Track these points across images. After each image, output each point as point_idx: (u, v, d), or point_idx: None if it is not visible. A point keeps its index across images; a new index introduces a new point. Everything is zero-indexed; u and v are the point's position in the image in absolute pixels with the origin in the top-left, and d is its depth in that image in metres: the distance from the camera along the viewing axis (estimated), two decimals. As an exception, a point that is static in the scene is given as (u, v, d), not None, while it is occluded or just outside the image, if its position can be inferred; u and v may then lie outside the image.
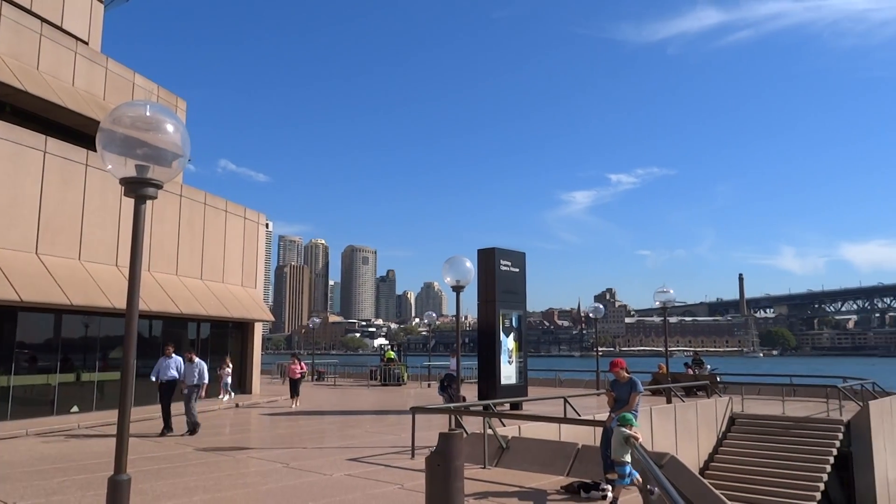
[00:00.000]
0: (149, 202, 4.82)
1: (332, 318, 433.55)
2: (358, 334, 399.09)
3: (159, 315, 21.06)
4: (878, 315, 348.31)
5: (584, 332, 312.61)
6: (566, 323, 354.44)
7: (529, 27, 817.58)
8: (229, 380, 23.04)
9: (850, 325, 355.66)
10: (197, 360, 15.53)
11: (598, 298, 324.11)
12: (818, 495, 17.26)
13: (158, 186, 4.74)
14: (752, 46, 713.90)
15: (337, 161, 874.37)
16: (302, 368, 22.22)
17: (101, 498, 8.25)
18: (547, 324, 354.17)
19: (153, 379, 15.45)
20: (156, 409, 17.25)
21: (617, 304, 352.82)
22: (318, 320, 47.23)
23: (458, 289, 13.89)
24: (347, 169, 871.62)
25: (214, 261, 24.33)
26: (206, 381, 15.69)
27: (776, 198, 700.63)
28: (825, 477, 17.74)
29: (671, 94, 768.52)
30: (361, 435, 15.02)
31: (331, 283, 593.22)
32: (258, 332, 27.47)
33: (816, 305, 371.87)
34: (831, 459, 18.29)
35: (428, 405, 14.48)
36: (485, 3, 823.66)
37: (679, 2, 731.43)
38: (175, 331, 22.82)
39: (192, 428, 14.85)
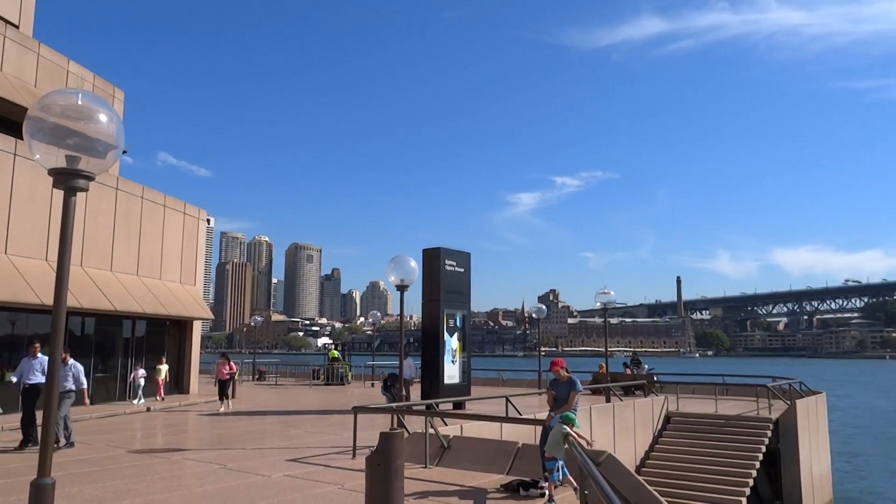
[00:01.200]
0: (82, 194, 4.64)
1: (275, 317, 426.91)
2: (301, 333, 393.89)
3: (92, 312, 20.31)
4: (806, 317, 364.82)
5: (528, 332, 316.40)
6: (510, 323, 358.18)
7: (479, 28, 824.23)
8: (142, 382, 21.66)
9: (781, 326, 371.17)
10: (71, 361, 13.40)
11: (542, 299, 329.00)
12: (748, 490, 17.95)
13: (90, 178, 4.55)
14: (693, 55, 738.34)
15: (282, 158, 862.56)
16: (231, 369, 21.03)
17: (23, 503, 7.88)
18: (491, 324, 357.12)
19: (13, 380, 13.22)
20: (81, 412, 16.68)
21: (560, 304, 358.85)
22: (260, 319, 46.40)
23: (402, 288, 13.85)
24: (292, 166, 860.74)
25: (152, 256, 23.59)
26: (84, 385, 13.36)
27: (712, 203, 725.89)
28: (755, 472, 18.47)
29: (615, 99, 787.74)
30: (302, 435, 14.82)
31: (274, 280, 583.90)
32: (197, 330, 26.77)
33: (749, 308, 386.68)
34: (760, 456, 19.04)
35: (370, 405, 14.40)
36: (437, 1, 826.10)
37: (624, 10, 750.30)
38: (108, 329, 22.04)
39: (69, 439, 12.71)
